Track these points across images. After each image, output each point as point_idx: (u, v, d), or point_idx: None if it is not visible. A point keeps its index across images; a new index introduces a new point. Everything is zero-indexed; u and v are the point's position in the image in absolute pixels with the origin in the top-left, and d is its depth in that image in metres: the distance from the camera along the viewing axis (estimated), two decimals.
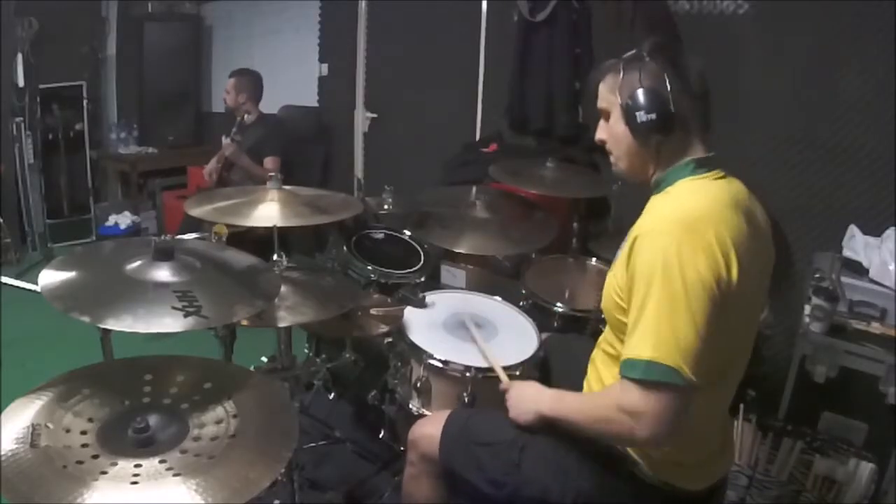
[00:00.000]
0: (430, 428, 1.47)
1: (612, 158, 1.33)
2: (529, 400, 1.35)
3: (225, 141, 3.50)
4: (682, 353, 1.06)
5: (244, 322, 1.48)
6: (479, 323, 1.89)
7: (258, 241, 2.08)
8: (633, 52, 1.24)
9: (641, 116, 1.19)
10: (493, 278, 2.68)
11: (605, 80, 1.28)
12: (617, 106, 1.25)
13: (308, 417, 2.36)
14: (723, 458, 1.34)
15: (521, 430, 1.37)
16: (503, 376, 1.56)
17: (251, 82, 3.70)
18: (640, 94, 1.19)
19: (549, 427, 1.31)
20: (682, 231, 1.11)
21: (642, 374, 1.07)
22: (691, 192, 1.21)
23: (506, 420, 1.40)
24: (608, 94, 1.27)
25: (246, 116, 3.64)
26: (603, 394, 1.22)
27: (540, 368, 1.78)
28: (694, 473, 1.26)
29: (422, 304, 1.94)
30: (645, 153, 1.25)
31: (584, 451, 1.29)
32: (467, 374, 1.65)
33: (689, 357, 1.06)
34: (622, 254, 1.21)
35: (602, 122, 1.31)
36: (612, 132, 1.28)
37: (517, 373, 1.70)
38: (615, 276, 1.24)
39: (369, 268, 2.25)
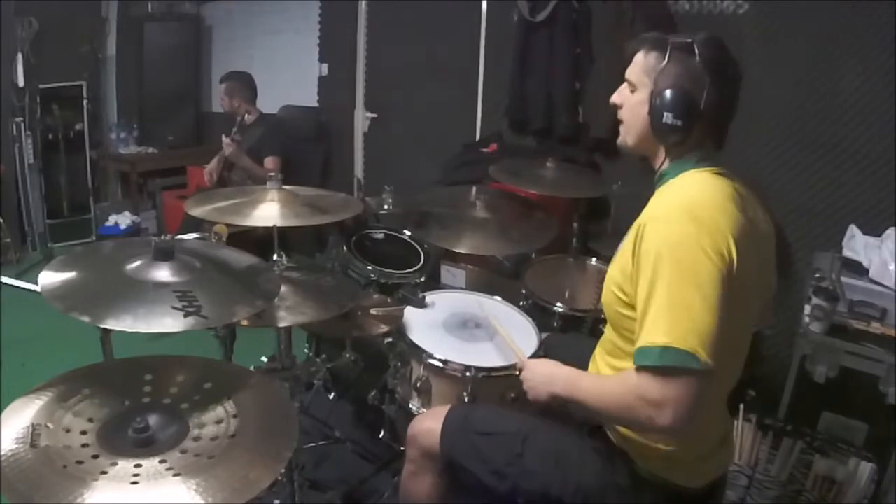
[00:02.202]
0: (430, 422, 1.47)
1: (621, 128, 1.31)
2: (544, 379, 1.33)
3: (225, 140, 3.50)
4: (698, 336, 1.03)
5: (244, 322, 1.48)
6: (479, 323, 1.89)
7: (258, 241, 2.09)
8: (686, 41, 1.19)
9: (668, 118, 1.17)
10: (492, 278, 2.68)
11: (648, 55, 1.23)
12: (647, 88, 1.22)
13: (308, 417, 2.36)
14: (721, 454, 1.33)
15: (523, 421, 1.37)
16: (520, 354, 1.54)
17: (242, 84, 3.71)
18: (675, 96, 1.16)
19: (554, 415, 1.31)
20: (688, 217, 1.11)
21: (658, 361, 1.04)
22: (695, 182, 1.21)
23: (508, 412, 1.40)
24: (644, 71, 1.23)
25: (246, 116, 3.64)
26: (620, 380, 1.17)
27: None
28: (691, 470, 1.25)
29: (422, 304, 1.95)
30: (657, 143, 1.25)
31: (586, 445, 1.29)
32: (467, 374, 1.65)
33: (705, 339, 1.03)
34: (625, 246, 1.20)
35: (624, 88, 1.28)
36: (631, 107, 1.26)
37: (517, 372, 1.70)
38: (616, 269, 1.23)
39: (369, 268, 2.25)
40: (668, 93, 1.17)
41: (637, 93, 1.25)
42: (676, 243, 1.08)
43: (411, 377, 1.76)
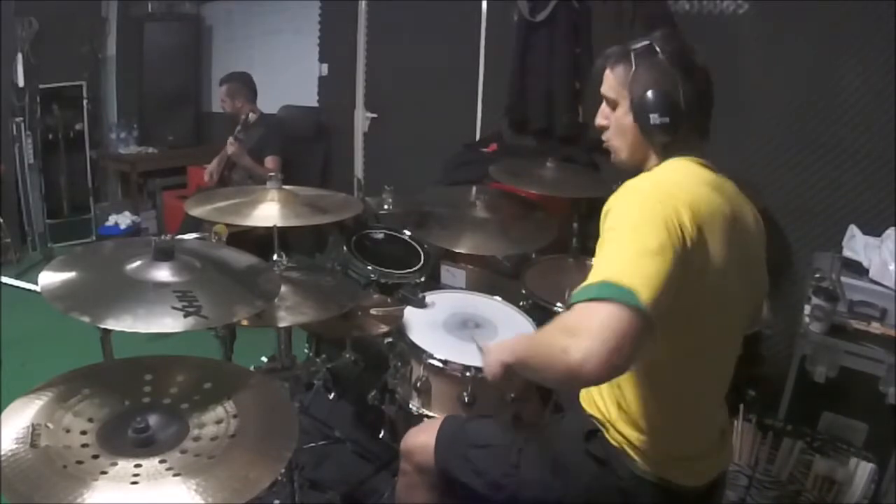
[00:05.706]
0: (423, 437, 1.46)
1: (611, 147, 1.31)
2: (496, 352, 1.24)
3: (229, 140, 3.50)
4: (641, 277, 0.96)
5: (244, 322, 1.48)
6: (479, 323, 1.89)
7: (258, 241, 2.09)
8: (645, 43, 1.21)
9: (655, 119, 1.18)
10: (493, 278, 2.68)
11: (615, 69, 1.25)
12: (626, 100, 1.23)
13: (308, 417, 2.36)
14: (720, 453, 1.32)
15: (518, 432, 1.37)
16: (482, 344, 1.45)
17: (242, 84, 3.72)
18: (654, 96, 1.18)
19: (542, 426, 1.30)
20: (648, 190, 1.11)
21: (595, 294, 0.96)
22: (668, 168, 1.22)
23: (501, 424, 1.39)
24: (617, 85, 1.25)
25: (250, 115, 3.65)
26: (551, 322, 1.08)
27: None
28: (690, 469, 1.25)
29: (422, 304, 1.95)
30: (649, 148, 1.26)
31: (583, 449, 1.29)
32: (467, 374, 1.65)
33: (648, 283, 0.96)
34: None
35: (605, 108, 1.29)
36: (617, 123, 1.27)
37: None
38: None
39: (369, 268, 2.25)
40: (648, 95, 1.18)
41: (618, 108, 1.26)
42: (631, 210, 1.08)
43: (411, 377, 1.76)
